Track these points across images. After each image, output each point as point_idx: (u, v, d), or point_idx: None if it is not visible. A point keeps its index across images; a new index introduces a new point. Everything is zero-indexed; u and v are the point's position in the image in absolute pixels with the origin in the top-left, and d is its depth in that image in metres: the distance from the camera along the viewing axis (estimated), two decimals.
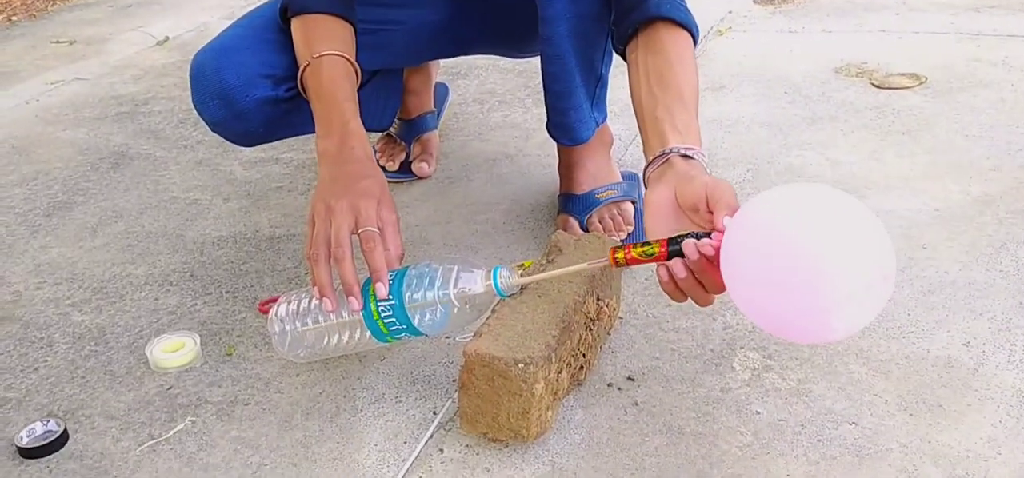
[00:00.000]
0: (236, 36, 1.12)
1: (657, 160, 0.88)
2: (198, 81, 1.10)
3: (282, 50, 1.11)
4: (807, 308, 0.68)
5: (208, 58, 1.10)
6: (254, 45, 1.11)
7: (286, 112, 1.13)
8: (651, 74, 1.00)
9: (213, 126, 1.13)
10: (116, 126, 1.83)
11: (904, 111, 1.56)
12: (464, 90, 1.85)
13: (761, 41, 1.96)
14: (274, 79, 1.10)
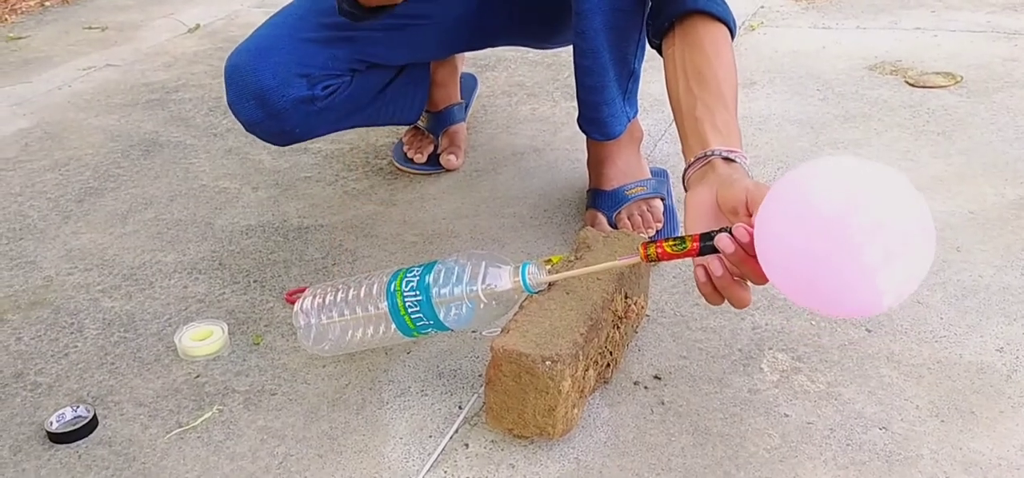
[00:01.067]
0: (271, 35, 1.13)
1: (698, 162, 0.87)
2: (234, 82, 1.10)
3: (318, 48, 1.11)
4: (848, 273, 0.67)
5: (244, 59, 1.10)
6: (290, 44, 1.11)
7: (322, 110, 1.14)
8: (689, 70, 0.99)
9: (248, 127, 1.13)
10: (147, 113, 1.85)
11: (939, 110, 1.53)
12: (492, 82, 1.84)
13: (794, 37, 1.94)
14: (310, 79, 1.11)
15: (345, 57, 1.15)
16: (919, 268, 0.68)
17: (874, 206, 0.67)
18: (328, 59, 1.11)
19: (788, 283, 0.72)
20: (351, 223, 1.35)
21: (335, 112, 1.17)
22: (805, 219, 0.68)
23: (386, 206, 1.39)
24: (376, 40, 1.19)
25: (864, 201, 0.67)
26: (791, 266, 0.70)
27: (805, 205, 0.69)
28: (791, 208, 0.70)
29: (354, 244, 1.29)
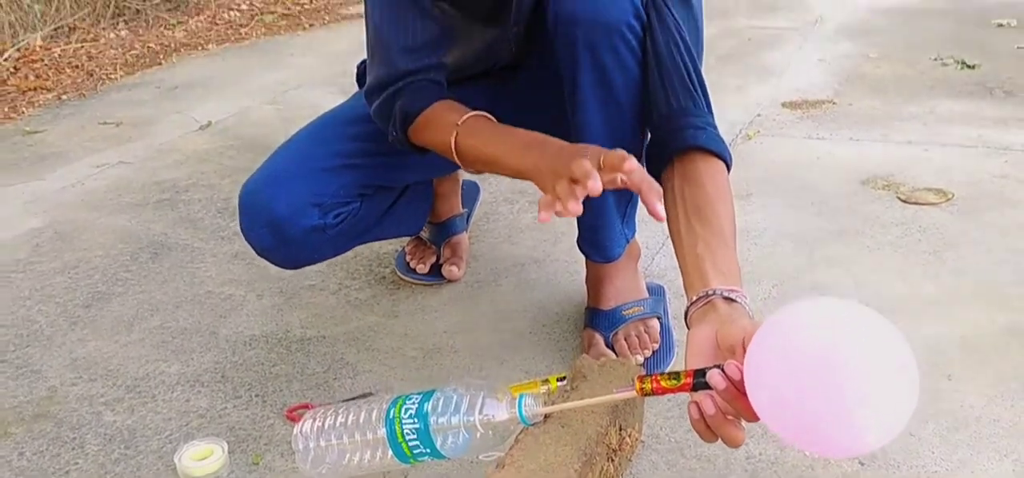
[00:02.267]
0: (286, 164, 1.17)
1: (699, 301, 0.90)
2: (248, 210, 1.14)
3: (332, 176, 1.15)
4: (830, 412, 0.70)
5: (258, 188, 1.14)
6: (303, 174, 1.15)
7: (332, 237, 1.17)
8: (689, 207, 1.03)
9: (260, 252, 1.16)
10: (157, 213, 1.89)
11: (931, 229, 1.56)
12: (495, 188, 1.89)
13: (789, 147, 1.99)
14: (322, 207, 1.14)
15: (356, 183, 1.19)
16: (903, 408, 0.71)
17: (856, 347, 0.70)
18: (340, 187, 1.16)
19: (776, 421, 0.74)
20: (353, 335, 1.37)
21: (345, 236, 1.21)
22: (790, 358, 0.71)
23: (388, 318, 1.42)
24: (388, 165, 1.24)
25: (846, 342, 0.71)
26: (777, 405, 0.73)
27: (790, 345, 0.72)
28: (777, 347, 0.74)
29: (355, 358, 1.31)
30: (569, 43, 1.12)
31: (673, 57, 1.12)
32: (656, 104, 1.13)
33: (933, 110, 2.12)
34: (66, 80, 2.92)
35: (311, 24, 3.53)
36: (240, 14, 3.68)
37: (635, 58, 1.12)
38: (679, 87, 1.12)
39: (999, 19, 2.79)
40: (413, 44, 1.13)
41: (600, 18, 1.09)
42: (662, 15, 1.12)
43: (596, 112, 1.15)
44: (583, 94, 1.14)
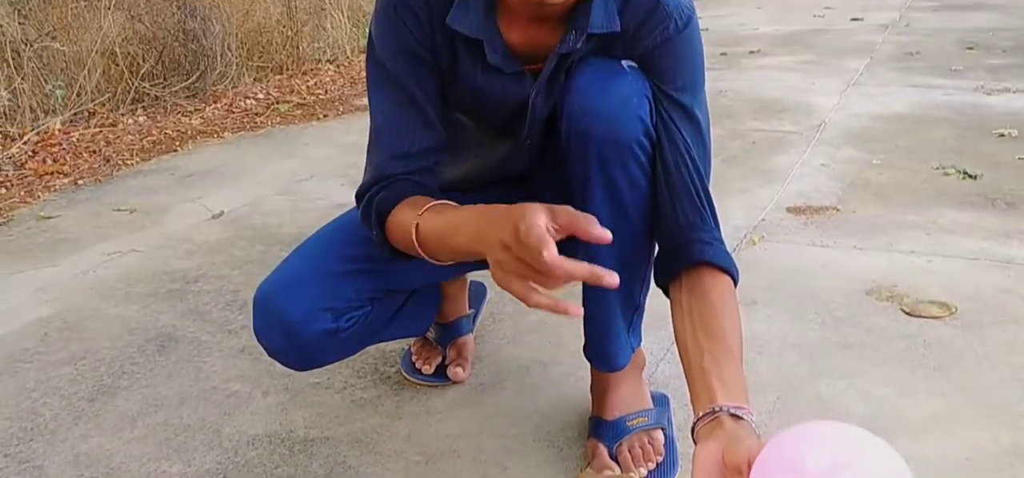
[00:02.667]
0: (300, 269, 1.18)
1: (706, 417, 0.91)
2: (262, 313, 1.16)
3: (345, 281, 1.17)
4: None
5: (274, 291, 1.16)
6: (318, 279, 1.17)
7: (344, 341, 1.19)
8: (696, 321, 1.05)
9: (272, 354, 1.18)
10: (166, 304, 1.91)
11: (935, 343, 1.57)
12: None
13: (794, 254, 2.01)
14: (335, 312, 1.16)
15: (369, 288, 1.21)
16: None
17: (858, 468, 0.72)
18: (353, 292, 1.17)
19: None
20: (356, 436, 1.37)
21: (355, 339, 1.22)
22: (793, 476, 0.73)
23: (392, 419, 1.42)
24: (400, 269, 1.26)
25: (848, 465, 0.72)
26: None
27: (793, 466, 0.74)
28: (781, 468, 0.75)
29: (357, 460, 1.30)
30: (581, 158, 1.15)
31: (682, 175, 1.15)
32: (664, 219, 1.17)
33: (936, 220, 2.14)
34: (83, 165, 2.97)
35: (325, 114, 3.61)
36: (256, 103, 3.77)
37: (645, 175, 1.16)
38: (687, 203, 1.15)
39: (1000, 129, 2.83)
40: (407, 150, 1.14)
41: (612, 135, 1.13)
42: (672, 134, 1.16)
43: (606, 225, 1.18)
44: (594, 208, 1.17)
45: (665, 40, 1.14)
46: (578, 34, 1.12)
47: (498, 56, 1.14)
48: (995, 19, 5.00)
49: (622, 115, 1.13)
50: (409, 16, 1.13)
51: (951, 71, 3.75)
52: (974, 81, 3.53)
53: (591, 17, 1.11)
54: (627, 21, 1.13)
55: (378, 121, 1.17)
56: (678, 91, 1.16)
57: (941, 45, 4.33)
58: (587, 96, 1.13)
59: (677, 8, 1.14)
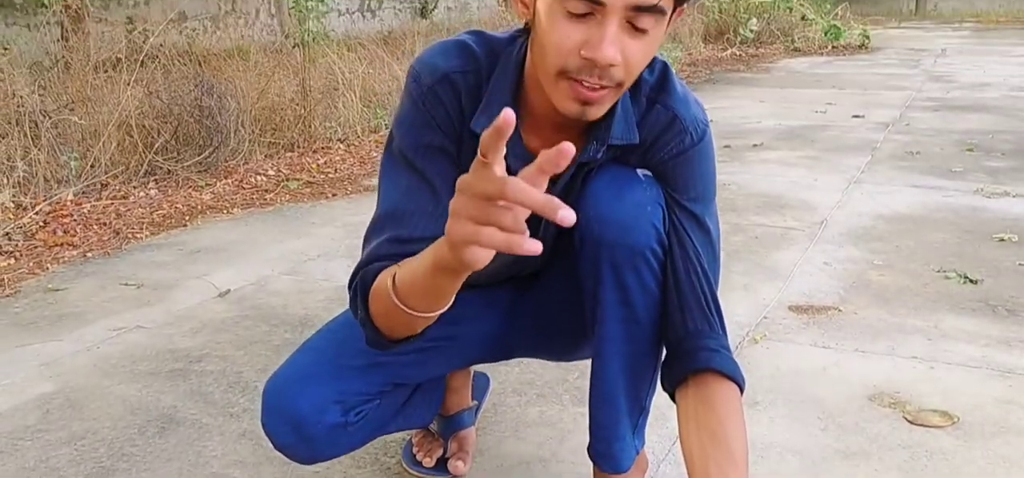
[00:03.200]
0: (310, 363, 1.20)
1: None
2: (271, 407, 1.17)
3: (355, 375, 1.19)
4: None
5: (285, 385, 1.17)
6: (328, 372, 1.18)
7: (351, 434, 1.20)
8: (702, 427, 1.07)
9: (279, 448, 1.19)
10: (168, 384, 1.91)
11: (937, 454, 1.56)
12: (504, 378, 1.91)
13: (795, 355, 2.01)
14: (344, 406, 1.17)
15: (378, 381, 1.23)
16: None
17: None
18: (362, 386, 1.19)
19: None
20: None
21: (362, 433, 1.23)
22: None
23: None
24: (408, 362, 1.27)
25: None
26: None
27: None
28: None
29: None
30: (594, 262, 1.18)
31: (691, 282, 1.18)
32: (673, 324, 1.19)
33: (937, 325, 2.15)
34: (93, 237, 3.01)
35: (334, 194, 3.66)
36: (267, 179, 3.82)
37: (656, 280, 1.18)
38: (696, 310, 1.18)
39: (1000, 234, 2.86)
40: (406, 237, 1.12)
41: (625, 241, 1.16)
42: (683, 241, 1.19)
43: (616, 327, 1.21)
44: (605, 311, 1.20)
45: (681, 152, 1.18)
46: (599, 145, 1.15)
47: (518, 161, 1.17)
48: (994, 121, 5.08)
49: (636, 222, 1.16)
50: (438, 108, 1.16)
51: (951, 172, 3.80)
52: (974, 183, 3.57)
53: (612, 129, 1.14)
54: (645, 133, 1.17)
55: (383, 208, 1.17)
56: (691, 201, 1.20)
57: (941, 145, 4.40)
58: (602, 202, 1.16)
59: (693, 122, 1.18)
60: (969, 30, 13.35)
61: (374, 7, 13.63)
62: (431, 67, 1.16)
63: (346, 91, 4.82)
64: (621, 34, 1.00)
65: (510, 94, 1.14)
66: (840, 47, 10.02)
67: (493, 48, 1.17)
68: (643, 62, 1.05)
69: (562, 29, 1.01)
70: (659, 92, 1.18)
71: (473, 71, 1.16)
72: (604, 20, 0.99)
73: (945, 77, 7.36)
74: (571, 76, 1.03)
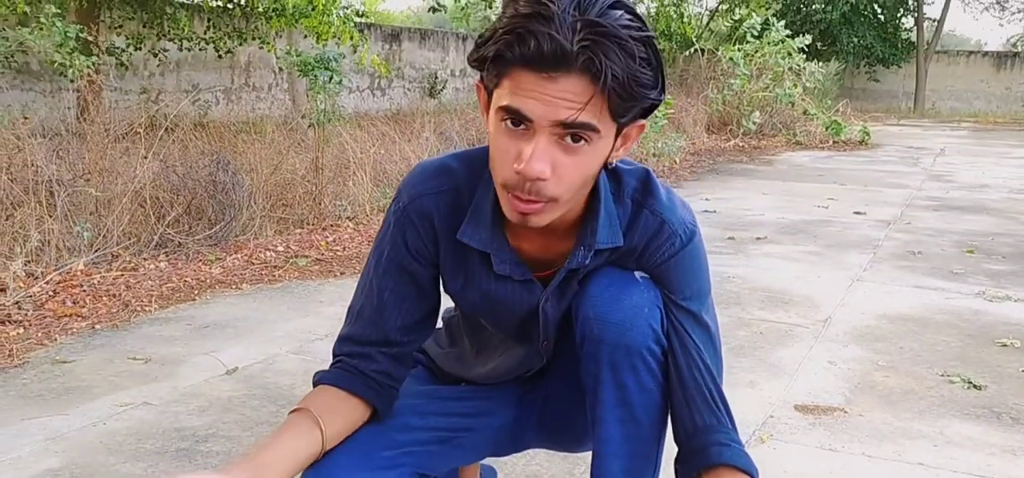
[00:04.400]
0: (349, 456, 1.21)
1: None
2: None
3: (389, 467, 1.21)
4: None
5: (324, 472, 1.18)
6: (365, 465, 1.20)
7: None
8: None
9: None
10: (174, 464, 1.91)
11: None
12: (510, 471, 1.91)
13: (802, 456, 2.01)
14: None
15: (408, 473, 1.24)
16: None
17: None
18: (395, 477, 1.21)
19: None
20: None
21: None
22: None
23: None
24: (432, 454, 1.30)
25: None
26: None
27: None
28: None
29: None
30: (593, 361, 1.20)
31: (695, 379, 1.21)
32: (681, 422, 1.21)
33: (943, 431, 2.16)
34: (102, 308, 3.03)
35: (342, 272, 3.69)
36: (276, 255, 3.86)
37: (655, 380, 1.21)
38: (702, 406, 1.20)
39: (1003, 339, 2.88)
40: (357, 336, 1.24)
41: (624, 341, 1.18)
42: (683, 340, 1.21)
43: (615, 427, 1.22)
44: (604, 411, 1.22)
45: (672, 255, 1.22)
46: (586, 251, 1.19)
47: (507, 266, 1.21)
48: (994, 223, 5.14)
49: (633, 323, 1.19)
50: (412, 229, 1.22)
51: (952, 274, 3.84)
52: (975, 286, 3.61)
53: (598, 234, 1.18)
54: (636, 239, 1.21)
55: (354, 300, 1.28)
56: (687, 300, 1.23)
57: (942, 246, 4.45)
58: (600, 304, 1.19)
59: (681, 225, 1.22)
60: (967, 130, 13.58)
61: (384, 86, 13.89)
62: (409, 188, 1.23)
63: (357, 170, 4.90)
64: (553, 149, 1.04)
65: (492, 204, 1.19)
66: (841, 142, 10.19)
67: (474, 164, 1.23)
68: (578, 178, 1.08)
69: (502, 142, 1.06)
70: (644, 196, 1.22)
71: (449, 189, 1.22)
72: (534, 135, 1.03)
73: (945, 176, 7.47)
74: (509, 189, 1.07)
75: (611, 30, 1.00)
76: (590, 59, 1.00)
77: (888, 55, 19.88)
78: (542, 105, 1.02)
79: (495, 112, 1.06)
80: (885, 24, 20.34)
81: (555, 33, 0.99)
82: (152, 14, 7.84)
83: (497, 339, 1.36)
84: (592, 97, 1.02)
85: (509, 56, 1.01)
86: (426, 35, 15.83)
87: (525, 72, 1.02)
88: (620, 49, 1.00)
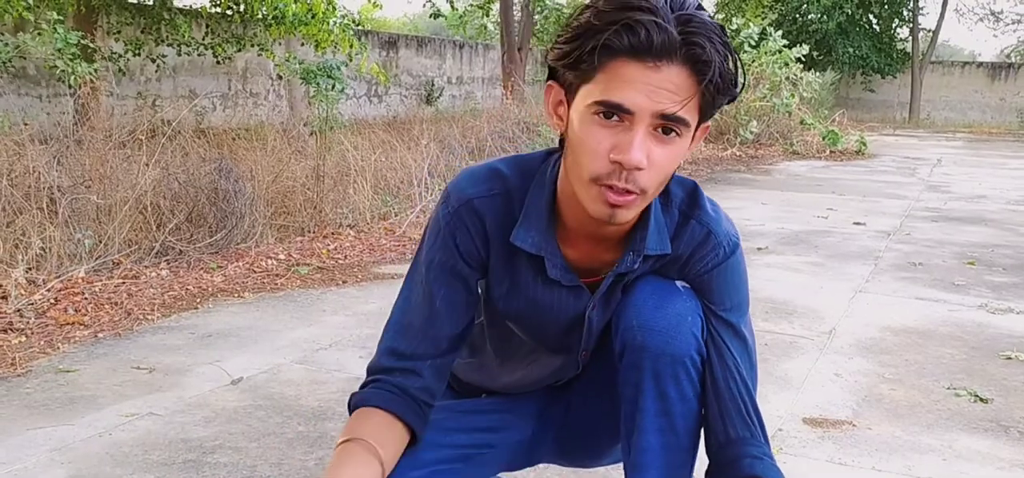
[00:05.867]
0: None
1: None
2: None
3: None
4: None
5: None
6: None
7: None
8: None
9: None
10: (181, 475, 1.90)
11: None
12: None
13: (812, 471, 2.01)
14: None
15: None
16: None
17: None
18: None
19: None
20: None
21: None
22: None
23: None
24: (455, 472, 1.31)
25: None
26: None
27: None
28: None
29: None
30: (635, 370, 1.21)
31: (731, 390, 1.21)
32: (715, 432, 1.22)
33: (951, 445, 2.16)
34: (104, 317, 3.01)
35: (344, 280, 3.68)
36: (277, 263, 3.85)
37: (694, 390, 1.21)
38: (737, 418, 1.21)
39: (1007, 352, 2.89)
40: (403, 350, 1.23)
41: (668, 350, 1.19)
42: (721, 351, 1.22)
43: (655, 437, 1.23)
44: (644, 420, 1.22)
45: (716, 265, 1.22)
46: (635, 255, 1.20)
47: (558, 271, 1.22)
48: (993, 235, 5.16)
49: (677, 331, 1.19)
50: (463, 232, 1.22)
51: (954, 285, 3.84)
52: (977, 298, 3.61)
53: (648, 240, 1.19)
54: (682, 247, 1.22)
55: (395, 314, 1.27)
56: (727, 311, 1.23)
57: (942, 257, 4.46)
58: (644, 312, 1.20)
59: (726, 236, 1.23)
60: (962, 140, 13.64)
61: (381, 93, 13.89)
62: (458, 191, 1.23)
63: (358, 178, 4.89)
64: (648, 140, 1.06)
65: (546, 208, 1.19)
66: (837, 152, 10.22)
67: (525, 169, 1.24)
68: (668, 168, 1.10)
69: (595, 135, 1.07)
70: (692, 207, 1.23)
71: (500, 193, 1.22)
72: (632, 126, 1.05)
73: (942, 187, 7.50)
74: (602, 181, 1.08)
75: (708, 24, 1.03)
76: (693, 50, 1.02)
77: (883, 65, 19.99)
78: (645, 95, 1.03)
79: (587, 107, 1.07)
80: (880, 34, 20.45)
81: (662, 22, 1.00)
82: (151, 19, 7.83)
83: (526, 349, 1.35)
84: (693, 89, 1.04)
85: (617, 45, 1.03)
86: (423, 42, 15.85)
87: (630, 63, 1.03)
88: (716, 43, 1.03)
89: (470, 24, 26.18)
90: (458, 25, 25.75)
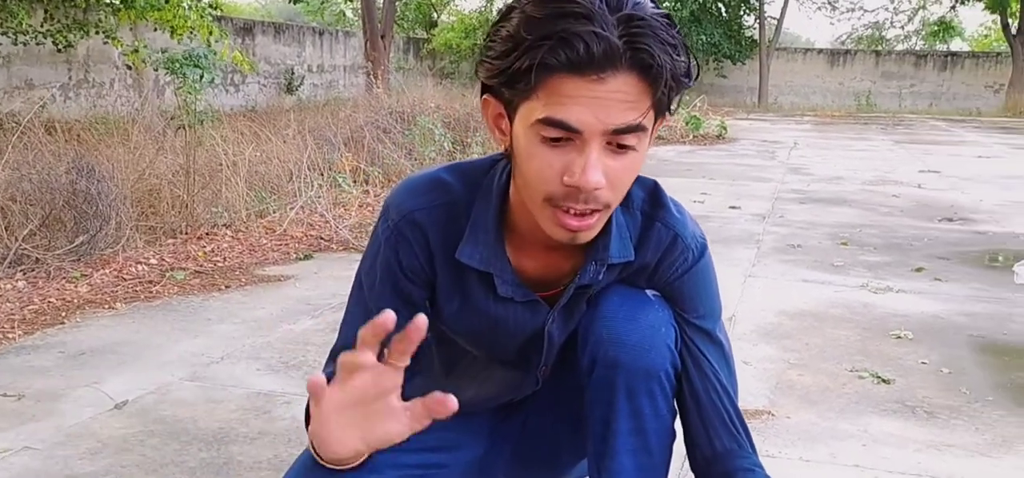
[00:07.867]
0: None
1: None
2: None
3: None
4: None
5: None
6: None
7: None
8: None
9: None
10: None
11: None
12: None
13: None
14: None
15: None
16: None
17: None
18: None
19: None
20: None
21: None
22: None
23: None
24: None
25: None
26: None
27: None
28: None
29: None
30: (607, 386, 1.14)
31: (713, 401, 1.17)
32: (699, 446, 1.17)
33: (866, 429, 2.22)
34: None
35: (227, 285, 3.42)
36: (149, 269, 3.54)
37: (669, 406, 1.16)
38: (721, 429, 1.17)
39: (896, 331, 3.02)
40: None
41: (642, 364, 1.12)
42: (698, 360, 1.17)
43: (628, 458, 1.17)
44: (617, 441, 1.16)
45: (686, 271, 1.17)
46: (598, 265, 1.12)
47: (508, 287, 1.13)
48: (858, 215, 5.46)
49: (651, 344, 1.13)
50: (406, 248, 1.12)
51: (834, 267, 4.02)
52: (857, 278, 3.79)
53: (610, 248, 1.11)
54: (649, 254, 1.15)
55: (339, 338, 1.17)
56: (700, 318, 1.19)
57: (817, 239, 4.67)
58: (615, 324, 1.13)
59: (694, 239, 1.18)
60: (810, 124, 14.50)
61: (238, 82, 13.26)
62: (398, 205, 1.14)
63: (230, 174, 4.59)
64: (603, 156, 0.97)
65: (494, 220, 1.11)
66: (700, 137, 10.61)
67: (470, 178, 1.15)
68: (629, 177, 1.03)
69: (542, 157, 0.98)
70: (655, 208, 1.17)
71: (444, 204, 1.13)
72: (584, 145, 0.96)
73: (802, 169, 7.90)
74: (556, 203, 0.99)
75: (650, 21, 0.93)
76: (639, 56, 0.92)
77: (734, 52, 20.98)
78: (592, 111, 0.93)
79: (530, 126, 0.96)
80: (730, 22, 21.42)
81: (600, 31, 0.90)
82: None
83: (479, 366, 1.26)
84: (644, 93, 0.95)
85: (553, 63, 0.91)
86: (281, 29, 15.26)
87: (569, 78, 0.92)
88: (662, 39, 0.93)
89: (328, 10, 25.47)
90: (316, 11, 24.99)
